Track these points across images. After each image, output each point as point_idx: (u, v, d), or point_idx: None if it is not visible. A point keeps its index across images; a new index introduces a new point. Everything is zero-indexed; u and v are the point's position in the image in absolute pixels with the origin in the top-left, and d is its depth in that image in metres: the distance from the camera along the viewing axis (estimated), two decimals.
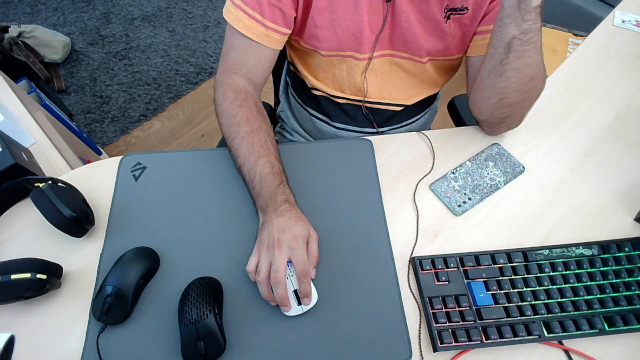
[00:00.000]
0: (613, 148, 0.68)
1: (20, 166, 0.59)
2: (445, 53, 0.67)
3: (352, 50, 0.67)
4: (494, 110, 0.63)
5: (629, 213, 0.62)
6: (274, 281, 0.50)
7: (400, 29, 0.63)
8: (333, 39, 0.65)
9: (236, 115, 0.61)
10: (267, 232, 0.53)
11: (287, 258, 0.51)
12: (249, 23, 0.61)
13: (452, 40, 0.65)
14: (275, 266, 0.50)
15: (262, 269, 0.51)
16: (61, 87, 1.74)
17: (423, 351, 0.52)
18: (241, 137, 0.60)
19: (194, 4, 2.04)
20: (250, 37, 0.61)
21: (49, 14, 1.99)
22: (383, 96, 0.75)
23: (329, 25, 0.63)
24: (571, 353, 0.52)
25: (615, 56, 0.79)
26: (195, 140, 1.65)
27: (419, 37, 0.64)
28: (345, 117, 0.80)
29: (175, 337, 0.50)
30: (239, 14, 0.61)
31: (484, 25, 0.64)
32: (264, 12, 0.60)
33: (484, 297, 0.54)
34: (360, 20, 0.62)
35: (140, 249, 0.55)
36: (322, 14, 0.62)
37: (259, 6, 0.60)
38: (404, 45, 0.66)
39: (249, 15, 0.60)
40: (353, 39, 0.65)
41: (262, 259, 0.52)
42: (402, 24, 0.62)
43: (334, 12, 0.62)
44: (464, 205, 0.62)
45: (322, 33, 0.64)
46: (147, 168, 0.64)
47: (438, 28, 0.63)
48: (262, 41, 0.62)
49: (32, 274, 0.49)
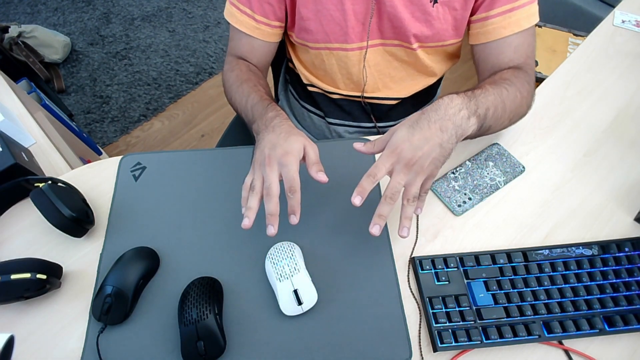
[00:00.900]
0: (613, 148, 0.68)
1: (20, 166, 0.59)
2: (435, 38, 0.66)
3: (338, 41, 0.67)
4: None
5: (629, 213, 0.62)
6: (266, 197, 0.50)
7: (387, 16, 0.63)
8: (320, 31, 0.66)
9: (229, 79, 0.69)
10: (260, 149, 0.54)
11: (278, 174, 0.51)
12: (241, 18, 0.67)
13: (441, 25, 0.64)
14: (267, 183, 0.50)
15: (256, 185, 0.52)
16: (61, 87, 1.74)
17: (423, 351, 0.52)
18: (234, 90, 0.66)
19: (194, 4, 2.04)
20: (243, 30, 0.68)
21: (49, 14, 1.99)
22: (378, 88, 0.75)
23: (314, 16, 0.64)
24: (571, 353, 0.52)
25: (615, 56, 0.79)
26: (195, 140, 1.65)
27: (406, 22, 0.63)
28: (341, 112, 0.80)
29: (175, 337, 0.50)
30: (233, 10, 0.67)
31: (480, 13, 0.63)
32: (253, 7, 0.66)
33: (484, 297, 0.54)
34: (344, 9, 0.63)
35: (140, 249, 0.55)
36: (307, 5, 0.64)
37: (249, 2, 0.65)
38: (392, 32, 0.66)
39: (241, 11, 0.67)
40: (338, 29, 0.65)
41: (256, 176, 0.52)
42: (387, 9, 0.62)
43: (318, 2, 0.63)
44: (464, 205, 0.62)
45: (309, 25, 0.66)
46: (147, 168, 0.64)
47: (425, 12, 0.63)
48: (253, 34, 0.68)
49: (32, 274, 0.49)
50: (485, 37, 0.65)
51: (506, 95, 0.57)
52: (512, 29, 0.62)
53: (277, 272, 0.52)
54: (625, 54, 0.79)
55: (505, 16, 0.62)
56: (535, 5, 0.62)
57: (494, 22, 0.63)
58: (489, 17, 0.63)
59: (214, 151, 0.67)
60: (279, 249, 0.55)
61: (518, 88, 0.59)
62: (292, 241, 0.57)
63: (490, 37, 0.64)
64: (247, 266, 0.56)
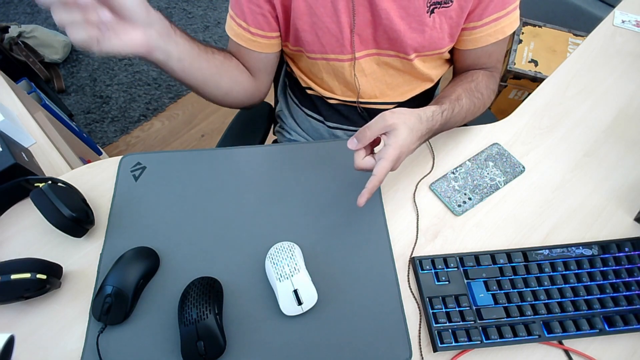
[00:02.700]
0: (613, 148, 0.68)
1: (20, 166, 0.59)
2: (432, 47, 0.67)
3: (335, 52, 0.67)
4: None
5: (629, 213, 0.62)
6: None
7: (382, 27, 0.63)
8: (316, 42, 0.66)
9: None
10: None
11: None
12: (238, 30, 0.66)
13: (438, 34, 0.65)
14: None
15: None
16: (61, 87, 1.74)
17: (423, 351, 0.52)
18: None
19: (194, 4, 2.04)
20: (240, 43, 0.67)
21: (49, 14, 1.96)
22: (375, 95, 0.75)
23: (310, 28, 0.64)
24: (571, 353, 0.52)
25: (615, 56, 0.79)
26: (195, 140, 1.65)
27: (402, 34, 0.63)
28: (339, 117, 0.80)
29: (175, 337, 0.50)
30: (231, 23, 0.67)
31: (471, 22, 0.64)
32: (247, 20, 0.64)
33: (484, 297, 0.54)
34: (339, 22, 0.63)
35: (140, 249, 0.55)
36: (302, 17, 0.63)
37: (243, 15, 0.64)
38: (388, 43, 0.66)
39: (237, 24, 0.66)
40: (334, 40, 0.65)
41: None
42: (383, 22, 0.62)
43: (313, 15, 0.62)
44: (464, 205, 0.62)
45: (305, 36, 0.65)
46: (147, 168, 0.64)
47: (421, 22, 0.63)
48: (249, 46, 0.67)
49: (32, 274, 0.49)
50: (472, 44, 0.66)
51: (472, 109, 0.65)
52: (497, 36, 0.65)
53: (277, 272, 0.52)
54: (625, 54, 0.79)
55: (492, 24, 0.64)
56: (517, 11, 0.65)
57: (482, 30, 0.64)
58: (477, 26, 0.64)
59: (214, 151, 0.67)
60: (279, 249, 0.55)
61: (485, 99, 0.67)
62: (292, 241, 0.57)
63: (478, 44, 0.66)
64: (247, 266, 0.56)
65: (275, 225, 0.60)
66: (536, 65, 1.36)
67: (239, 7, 0.64)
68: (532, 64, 1.36)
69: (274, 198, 0.62)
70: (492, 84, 0.70)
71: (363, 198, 0.52)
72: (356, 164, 0.53)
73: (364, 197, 0.52)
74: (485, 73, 0.69)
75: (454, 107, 0.60)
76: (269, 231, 0.59)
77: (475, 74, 0.68)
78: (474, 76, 0.68)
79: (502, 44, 0.67)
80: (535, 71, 1.35)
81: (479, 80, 0.67)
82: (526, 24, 1.45)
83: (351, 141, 0.53)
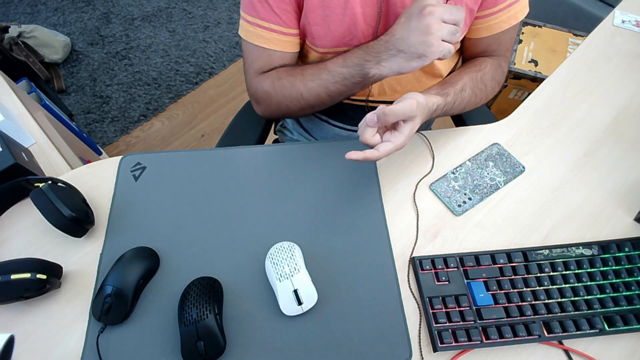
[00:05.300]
0: (613, 148, 0.68)
1: (20, 166, 0.59)
2: None
3: (347, 45, 0.66)
4: None
5: (629, 213, 0.62)
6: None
7: (397, 18, 0.62)
8: (327, 35, 0.65)
9: (278, 86, 0.64)
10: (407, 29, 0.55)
11: None
12: (268, 36, 0.64)
13: None
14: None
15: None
16: (61, 87, 1.74)
17: (423, 351, 0.52)
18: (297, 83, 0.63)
19: (194, 4, 2.04)
20: (274, 48, 0.65)
21: (49, 14, 1.99)
22: (385, 92, 0.75)
23: (321, 21, 0.63)
24: (571, 353, 0.52)
25: (615, 56, 0.79)
26: (195, 140, 1.65)
27: None
28: (344, 117, 0.80)
29: (175, 337, 0.50)
30: (257, 31, 0.63)
31: (486, 9, 0.64)
32: (283, 20, 0.63)
33: (484, 297, 0.54)
34: (354, 13, 0.61)
35: (140, 249, 0.55)
36: (315, 10, 0.62)
37: (277, 16, 0.62)
38: None
39: (267, 29, 0.63)
40: (347, 33, 0.64)
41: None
42: (398, 11, 0.61)
43: (326, 7, 0.61)
44: (464, 205, 0.62)
45: (316, 30, 0.64)
46: (147, 168, 0.64)
47: None
48: (284, 49, 0.65)
49: (32, 274, 0.49)
50: (486, 32, 0.66)
51: (473, 101, 0.66)
52: (510, 22, 0.65)
53: (277, 272, 0.52)
54: (625, 54, 0.79)
55: (506, 10, 0.64)
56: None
57: (497, 17, 0.64)
58: (492, 12, 0.64)
59: (214, 151, 0.67)
60: (279, 249, 0.55)
61: (489, 90, 0.68)
62: (292, 241, 0.57)
63: (492, 31, 0.66)
64: (247, 266, 0.56)
65: (275, 225, 0.60)
66: (536, 65, 1.36)
67: (270, 14, 0.62)
68: (532, 64, 1.36)
69: (274, 198, 0.62)
70: (499, 75, 0.69)
71: (355, 155, 0.52)
72: (364, 137, 0.53)
73: (358, 155, 0.52)
74: (493, 62, 0.69)
75: (456, 100, 0.61)
76: (269, 231, 0.59)
77: (484, 62, 0.68)
78: (482, 65, 0.67)
79: (512, 31, 0.67)
80: (535, 71, 1.35)
81: (486, 71, 0.67)
82: (526, 24, 1.46)
83: (372, 119, 0.52)
